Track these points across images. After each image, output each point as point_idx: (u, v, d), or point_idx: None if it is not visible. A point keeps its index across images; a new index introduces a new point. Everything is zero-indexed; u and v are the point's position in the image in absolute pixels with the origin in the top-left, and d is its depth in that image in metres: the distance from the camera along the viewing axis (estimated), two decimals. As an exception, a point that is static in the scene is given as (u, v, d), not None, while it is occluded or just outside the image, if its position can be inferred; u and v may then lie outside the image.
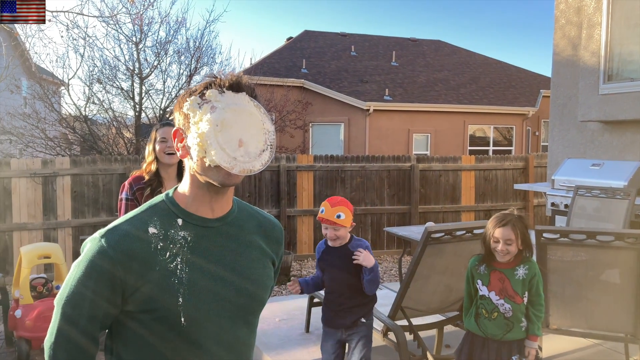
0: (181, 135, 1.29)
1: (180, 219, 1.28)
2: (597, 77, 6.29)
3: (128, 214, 1.30)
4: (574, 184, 5.68)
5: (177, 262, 1.23)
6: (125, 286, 1.20)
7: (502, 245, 2.64)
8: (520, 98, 17.06)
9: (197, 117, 1.23)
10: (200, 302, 1.24)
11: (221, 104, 1.22)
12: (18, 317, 4.38)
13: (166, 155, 3.02)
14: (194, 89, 1.28)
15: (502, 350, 2.71)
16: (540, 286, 2.73)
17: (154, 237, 1.24)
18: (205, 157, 1.21)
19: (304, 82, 15.39)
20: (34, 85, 10.38)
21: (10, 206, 6.80)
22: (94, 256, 1.21)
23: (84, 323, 1.22)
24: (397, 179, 8.84)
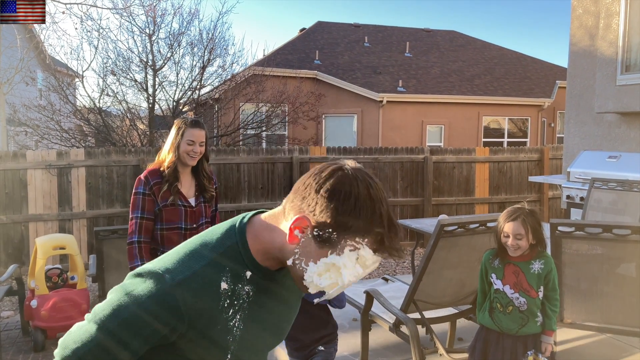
0: (302, 229, 1.11)
1: (249, 271, 1.16)
2: (615, 68, 6.18)
3: (201, 253, 1.14)
4: (590, 176, 5.60)
5: (236, 320, 1.16)
6: (181, 339, 1.12)
7: (512, 240, 2.60)
8: (535, 89, 16.86)
9: (332, 243, 1.08)
10: (245, 355, 1.21)
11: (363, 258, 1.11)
12: (34, 307, 4.43)
13: (189, 158, 2.96)
14: (362, 228, 1.08)
15: (517, 345, 2.69)
16: (556, 281, 2.70)
17: (223, 294, 1.13)
18: (313, 282, 1.11)
19: (317, 73, 15.33)
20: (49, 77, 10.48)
21: (26, 197, 6.88)
22: (160, 310, 1.08)
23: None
24: (410, 171, 8.79)
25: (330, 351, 2.67)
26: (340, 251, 1.09)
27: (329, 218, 1.07)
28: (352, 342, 4.07)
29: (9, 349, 4.50)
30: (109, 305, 1.13)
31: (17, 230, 6.87)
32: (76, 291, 4.62)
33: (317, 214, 1.09)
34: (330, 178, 1.10)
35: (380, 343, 4.10)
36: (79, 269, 4.70)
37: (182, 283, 1.09)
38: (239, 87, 11.65)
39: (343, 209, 1.07)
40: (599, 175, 5.51)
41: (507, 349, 2.70)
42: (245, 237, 1.17)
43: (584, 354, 3.94)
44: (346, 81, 15.06)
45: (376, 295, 3.52)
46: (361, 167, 1.15)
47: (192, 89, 10.98)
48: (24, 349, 4.48)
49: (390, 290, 3.98)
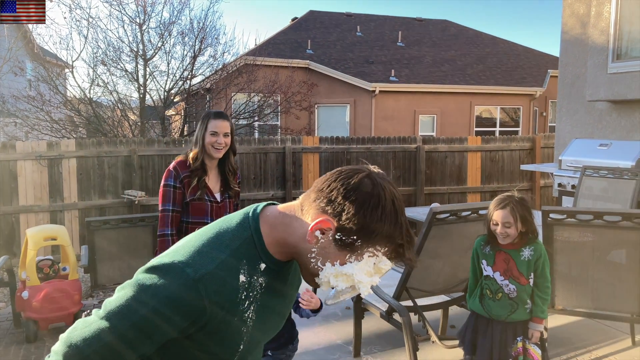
0: (323, 230, 1.11)
1: (263, 263, 1.17)
2: (606, 56, 6.19)
3: (218, 248, 1.13)
4: (581, 164, 5.63)
5: (250, 311, 1.16)
6: (198, 332, 1.11)
7: (501, 228, 2.61)
8: (527, 78, 16.88)
9: (355, 246, 1.10)
10: (253, 347, 1.23)
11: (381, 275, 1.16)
12: (25, 299, 4.41)
13: (214, 149, 2.93)
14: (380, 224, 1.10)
15: (506, 331, 2.70)
16: (546, 268, 2.71)
17: (241, 286, 1.13)
18: (328, 282, 1.13)
19: (309, 63, 15.27)
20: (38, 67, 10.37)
21: (16, 189, 6.83)
22: (182, 304, 1.06)
23: (128, 358, 1.13)
24: (402, 161, 8.80)
25: (280, 357, 2.61)
26: (360, 256, 1.11)
27: (355, 225, 1.09)
28: (345, 330, 4.09)
29: (1, 340, 4.48)
30: (124, 301, 1.09)
31: (7, 221, 6.82)
32: (68, 282, 4.60)
33: (342, 219, 1.09)
34: (360, 186, 1.10)
35: (373, 331, 4.11)
36: (70, 260, 4.68)
37: (204, 277, 1.07)
38: (231, 76, 11.58)
39: (370, 219, 1.09)
40: (590, 163, 5.54)
41: (496, 334, 2.72)
42: (259, 229, 1.17)
43: (574, 339, 3.98)
44: (339, 71, 15.01)
45: (369, 284, 3.52)
46: (384, 174, 1.16)
47: (183, 79, 10.91)
48: (16, 340, 4.46)
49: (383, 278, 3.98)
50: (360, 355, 3.74)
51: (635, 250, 3.19)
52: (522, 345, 2.70)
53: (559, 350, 3.79)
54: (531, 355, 2.69)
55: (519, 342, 2.70)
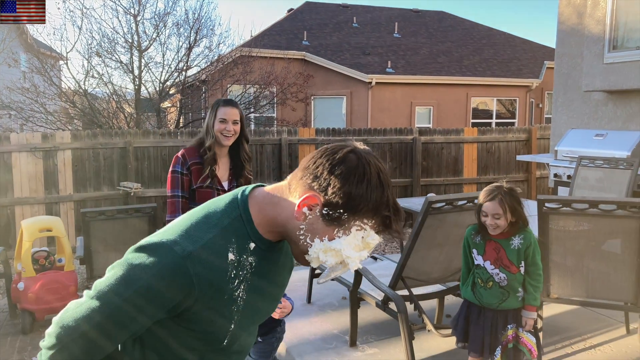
0: (310, 206, 1.12)
1: (253, 243, 1.18)
2: (602, 46, 6.18)
3: (207, 227, 1.14)
4: (577, 154, 5.63)
5: (240, 290, 1.18)
6: (185, 310, 1.12)
7: (491, 220, 2.61)
8: (524, 70, 16.87)
9: (342, 221, 1.11)
10: (246, 327, 1.24)
11: (370, 249, 1.16)
12: (21, 290, 4.41)
13: (223, 137, 2.92)
14: (365, 197, 1.10)
15: (497, 319, 2.71)
16: (537, 256, 2.70)
17: (230, 265, 1.15)
18: (317, 258, 1.14)
19: (305, 54, 15.21)
20: (32, 58, 10.29)
21: (11, 180, 6.80)
22: (172, 279, 1.07)
23: (120, 337, 1.14)
24: (399, 152, 8.79)
25: (270, 341, 2.63)
26: (348, 230, 1.12)
27: (341, 199, 1.09)
28: (341, 319, 4.10)
29: (-3, 331, 4.48)
30: (113, 280, 1.10)
31: (2, 213, 6.80)
32: (64, 273, 4.59)
33: (328, 194, 1.10)
34: (344, 161, 1.11)
35: (369, 320, 4.12)
36: (66, 251, 4.67)
37: (192, 254, 1.09)
38: (226, 68, 11.54)
39: (356, 192, 1.09)
40: (586, 154, 5.54)
41: (487, 322, 2.73)
42: (248, 209, 1.18)
43: (569, 328, 4.00)
44: (335, 62, 14.96)
45: (365, 273, 3.53)
46: (370, 150, 1.17)
47: (178, 70, 10.86)
48: (12, 332, 4.46)
49: (379, 268, 3.99)
50: (357, 344, 3.75)
51: (630, 238, 3.19)
52: (513, 333, 2.70)
53: (554, 338, 3.81)
54: (524, 343, 2.69)
55: (510, 330, 2.70)
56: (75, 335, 1.11)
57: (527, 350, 2.69)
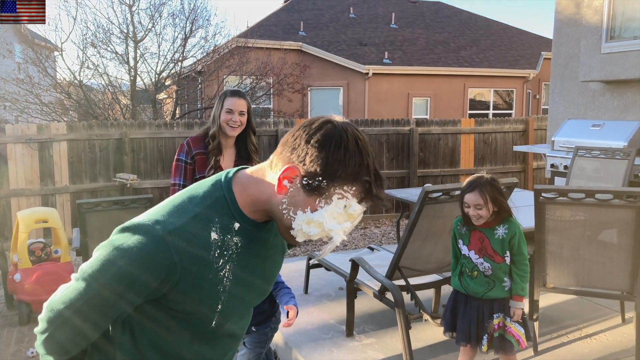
0: (291, 178, 1.12)
1: (237, 223, 1.17)
2: (600, 36, 6.17)
3: (189, 206, 1.15)
4: (574, 145, 5.63)
5: (226, 270, 1.17)
6: (168, 294, 1.12)
7: (473, 210, 2.62)
8: (521, 60, 16.84)
9: (322, 190, 1.10)
10: (233, 308, 1.23)
11: (354, 220, 1.15)
12: (17, 281, 4.40)
13: (229, 128, 2.91)
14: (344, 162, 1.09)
15: (483, 308, 2.71)
16: (522, 246, 2.69)
17: (214, 244, 1.14)
18: (301, 230, 1.12)
19: (301, 45, 15.15)
20: (27, 49, 10.22)
21: (6, 172, 6.77)
22: (151, 262, 1.07)
23: (101, 323, 1.15)
24: (396, 143, 8.78)
25: (265, 331, 2.64)
26: (329, 199, 1.11)
27: (319, 167, 1.09)
28: (337, 310, 4.10)
29: (-6, 323, 4.47)
30: (98, 261, 1.11)
31: (-2, 205, 6.78)
32: (60, 264, 4.58)
33: (307, 163, 1.10)
34: (321, 129, 1.11)
35: (366, 311, 4.13)
36: (62, 243, 4.66)
37: (173, 232, 1.09)
38: (222, 58, 11.48)
39: (333, 158, 1.09)
40: (582, 144, 5.54)
41: (473, 311, 2.73)
42: (232, 189, 1.18)
43: (565, 317, 4.02)
44: (331, 53, 14.90)
45: (361, 264, 3.53)
46: (349, 121, 1.16)
47: (174, 61, 10.80)
48: (9, 323, 4.46)
49: (375, 258, 4.00)
50: (354, 334, 3.76)
51: (626, 228, 3.20)
52: (499, 322, 2.70)
53: (550, 328, 3.83)
54: (512, 333, 2.68)
55: (496, 319, 2.70)
56: (64, 318, 1.13)
57: (515, 341, 2.68)
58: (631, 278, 3.22)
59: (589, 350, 3.51)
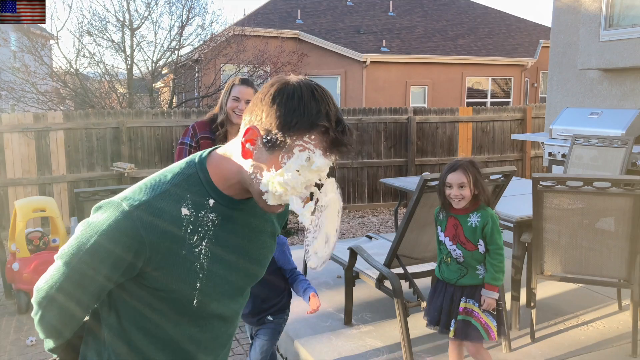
0: (254, 140, 1.12)
1: (212, 199, 1.17)
2: (598, 24, 6.14)
3: (159, 183, 1.16)
4: (571, 133, 5.63)
5: (201, 247, 1.17)
6: (143, 270, 1.13)
7: (456, 190, 2.62)
8: (519, 49, 16.79)
9: (283, 145, 1.09)
10: (214, 286, 1.22)
11: (316, 170, 1.11)
12: (16, 270, 4.40)
13: (235, 115, 2.93)
14: (305, 108, 1.08)
15: (455, 294, 2.73)
16: (495, 235, 2.67)
17: (185, 220, 1.14)
18: (269, 192, 1.11)
19: (299, 33, 15.07)
20: (22, 37, 10.14)
21: (3, 162, 6.75)
22: (120, 236, 1.08)
23: (84, 300, 1.18)
24: (394, 132, 8.77)
25: (279, 322, 2.68)
26: (290, 152, 1.09)
27: (275, 119, 1.08)
28: (336, 298, 4.12)
29: (-8, 312, 4.48)
30: (74, 240, 1.14)
31: (-5, 194, 6.76)
32: (58, 254, 4.58)
33: (263, 120, 1.10)
34: (273, 86, 1.12)
35: (364, 299, 4.15)
36: (60, 232, 4.65)
37: (139, 206, 1.10)
38: (219, 47, 11.41)
39: (287, 109, 1.08)
40: (580, 132, 5.54)
41: (447, 296, 2.76)
42: (205, 167, 1.19)
43: (562, 305, 4.04)
44: (329, 41, 14.84)
45: (360, 252, 3.54)
46: (310, 80, 1.16)
47: (171, 50, 10.73)
48: (8, 312, 4.46)
49: (373, 247, 4.00)
50: (352, 322, 3.78)
51: (623, 216, 3.21)
52: (465, 307, 2.69)
53: (547, 315, 3.85)
54: (479, 319, 2.66)
55: (462, 302, 2.70)
56: (49, 297, 1.18)
57: (484, 330, 2.65)
58: (628, 265, 3.24)
59: (586, 337, 3.53)
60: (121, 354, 1.24)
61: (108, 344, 1.25)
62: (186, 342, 1.26)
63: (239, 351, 3.63)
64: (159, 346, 1.24)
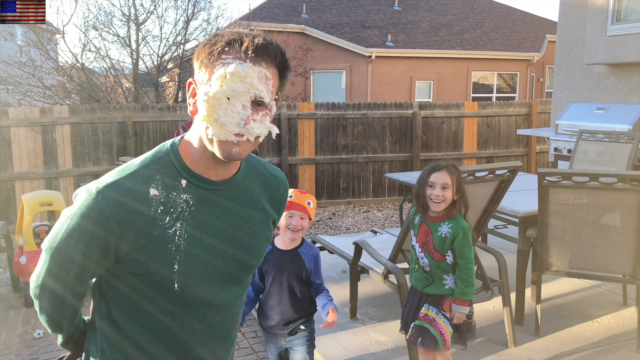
0: (194, 90, 1.17)
1: (184, 179, 1.18)
2: (605, 18, 6.11)
3: (129, 167, 1.18)
4: (577, 128, 5.61)
5: (176, 228, 1.16)
6: (118, 250, 1.15)
7: (438, 190, 2.53)
8: (525, 43, 16.70)
9: (206, 75, 1.12)
10: (195, 269, 1.20)
11: (235, 74, 1.09)
12: (23, 264, 4.43)
13: None
14: (214, 41, 1.13)
15: (422, 301, 2.66)
16: (465, 249, 2.56)
17: (154, 200, 1.14)
18: (209, 128, 1.11)
19: (304, 27, 15.04)
20: (28, 32, 10.17)
21: (10, 155, 6.78)
22: (88, 215, 1.12)
23: (70, 281, 1.21)
24: (399, 127, 8.75)
25: (312, 327, 2.65)
26: (212, 71, 1.11)
27: (197, 60, 1.15)
28: (341, 293, 4.13)
29: (0, 304, 4.52)
30: (54, 228, 1.19)
31: (2, 188, 6.80)
32: (65, 247, 4.61)
33: (196, 69, 1.16)
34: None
35: (369, 293, 4.17)
36: (67, 226, 4.67)
37: (104, 188, 1.13)
38: (225, 41, 11.40)
39: (202, 46, 1.15)
40: (586, 127, 5.52)
41: (414, 302, 2.70)
42: (177, 150, 1.21)
43: (568, 301, 4.04)
44: (334, 36, 14.79)
45: (365, 246, 3.55)
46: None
47: (176, 44, 10.74)
48: (15, 305, 4.50)
49: (378, 242, 4.01)
50: (357, 316, 3.79)
51: (630, 212, 3.20)
52: (425, 313, 2.61)
53: (552, 310, 3.86)
54: (439, 329, 2.57)
55: (423, 309, 2.63)
56: (41, 285, 1.23)
57: (442, 340, 2.56)
58: (634, 261, 3.24)
59: (591, 333, 3.53)
60: (114, 343, 1.25)
61: (101, 334, 1.27)
62: (179, 332, 1.25)
63: (244, 345, 3.65)
64: (151, 336, 1.23)
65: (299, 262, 2.56)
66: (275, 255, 2.58)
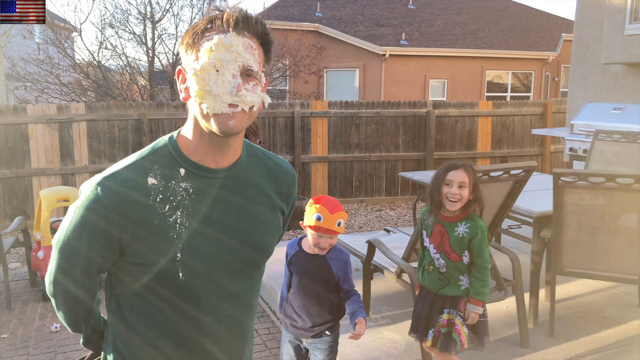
0: (184, 76, 1.19)
1: (182, 168, 1.19)
2: (623, 17, 6.04)
3: (127, 159, 1.21)
4: (593, 128, 5.56)
5: (176, 217, 1.17)
6: (121, 242, 1.16)
7: (456, 188, 2.50)
8: (540, 42, 16.56)
9: (194, 55, 1.14)
10: (199, 259, 1.20)
11: (220, 44, 1.11)
12: (40, 258, 4.50)
13: None
14: (196, 24, 1.16)
15: (435, 303, 2.63)
16: (483, 248, 2.55)
17: (153, 189, 1.16)
18: (202, 102, 1.12)
19: (318, 26, 15.04)
20: (46, 30, 10.30)
21: (28, 152, 6.88)
22: (89, 207, 1.14)
23: (78, 276, 1.22)
24: (412, 125, 8.74)
25: (337, 333, 2.58)
26: (198, 49, 1.13)
27: (183, 45, 1.17)
28: (354, 291, 4.15)
29: (18, 298, 4.59)
30: (61, 224, 1.22)
31: (20, 184, 6.90)
32: (82, 243, 4.67)
33: (182, 56, 1.19)
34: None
35: (382, 292, 4.17)
36: (83, 221, 4.74)
37: (103, 180, 1.16)
38: (240, 40, 11.45)
39: (188, 31, 1.18)
40: (603, 127, 5.47)
41: (427, 304, 2.66)
42: (175, 141, 1.23)
43: (583, 301, 4.02)
44: (348, 34, 14.78)
45: (378, 245, 3.55)
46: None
47: (191, 42, 10.80)
48: (32, 299, 4.57)
49: (392, 240, 4.02)
50: (370, 315, 3.80)
51: (646, 213, 3.18)
52: (449, 318, 2.59)
53: (567, 311, 3.84)
54: (458, 331, 2.56)
55: (445, 314, 2.59)
56: (54, 281, 1.25)
57: (460, 342, 2.55)
58: (650, 263, 3.21)
59: (606, 334, 3.51)
60: (125, 339, 1.26)
61: (113, 330, 1.28)
62: (188, 326, 1.24)
63: (257, 341, 3.68)
64: (161, 331, 1.23)
65: (325, 268, 2.46)
66: (300, 257, 2.51)
